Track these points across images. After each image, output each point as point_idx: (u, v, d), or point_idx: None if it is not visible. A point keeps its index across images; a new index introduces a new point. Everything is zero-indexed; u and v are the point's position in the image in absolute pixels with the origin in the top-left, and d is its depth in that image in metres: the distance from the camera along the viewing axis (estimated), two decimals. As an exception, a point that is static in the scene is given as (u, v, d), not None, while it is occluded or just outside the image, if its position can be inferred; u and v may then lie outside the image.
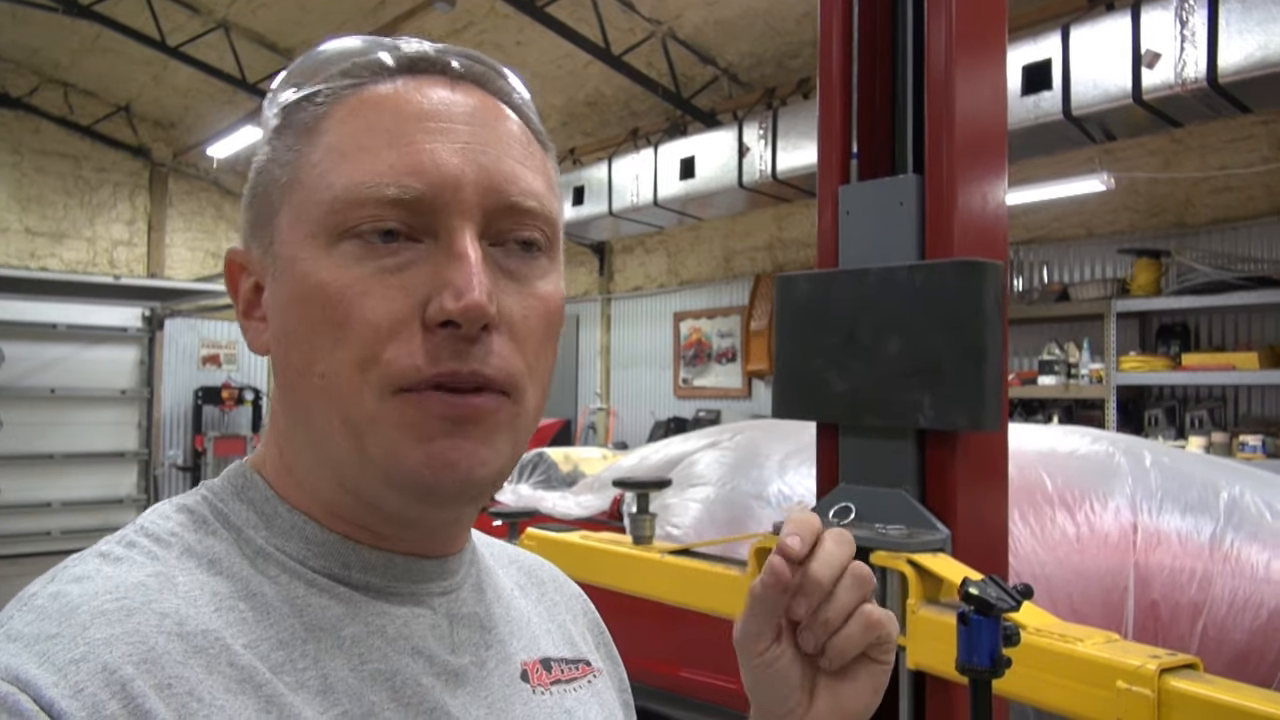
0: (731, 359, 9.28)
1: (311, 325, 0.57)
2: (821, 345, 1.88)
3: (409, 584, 0.62)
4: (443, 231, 0.57)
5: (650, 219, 8.14)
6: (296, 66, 0.64)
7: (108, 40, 9.14)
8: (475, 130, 0.59)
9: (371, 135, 0.58)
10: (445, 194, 0.57)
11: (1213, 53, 4.48)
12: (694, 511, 3.07)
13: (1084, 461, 2.60)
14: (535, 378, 0.60)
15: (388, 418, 0.56)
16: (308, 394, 0.58)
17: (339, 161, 0.58)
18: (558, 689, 0.68)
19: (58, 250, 10.85)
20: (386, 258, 0.57)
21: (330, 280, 0.56)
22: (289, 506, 0.61)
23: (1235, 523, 2.32)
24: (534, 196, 0.60)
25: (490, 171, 0.58)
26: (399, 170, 0.57)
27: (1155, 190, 6.42)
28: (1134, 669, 1.29)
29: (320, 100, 0.61)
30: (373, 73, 0.61)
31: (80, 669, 0.48)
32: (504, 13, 7.43)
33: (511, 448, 0.59)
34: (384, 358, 0.56)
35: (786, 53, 7.56)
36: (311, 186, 0.58)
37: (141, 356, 10.16)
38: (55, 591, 0.52)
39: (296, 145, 0.60)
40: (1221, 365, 5.61)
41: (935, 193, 1.80)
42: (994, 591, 1.06)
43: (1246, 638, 2.17)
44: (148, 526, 0.59)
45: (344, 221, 0.57)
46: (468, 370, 0.56)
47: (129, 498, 10.08)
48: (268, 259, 0.61)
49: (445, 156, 0.57)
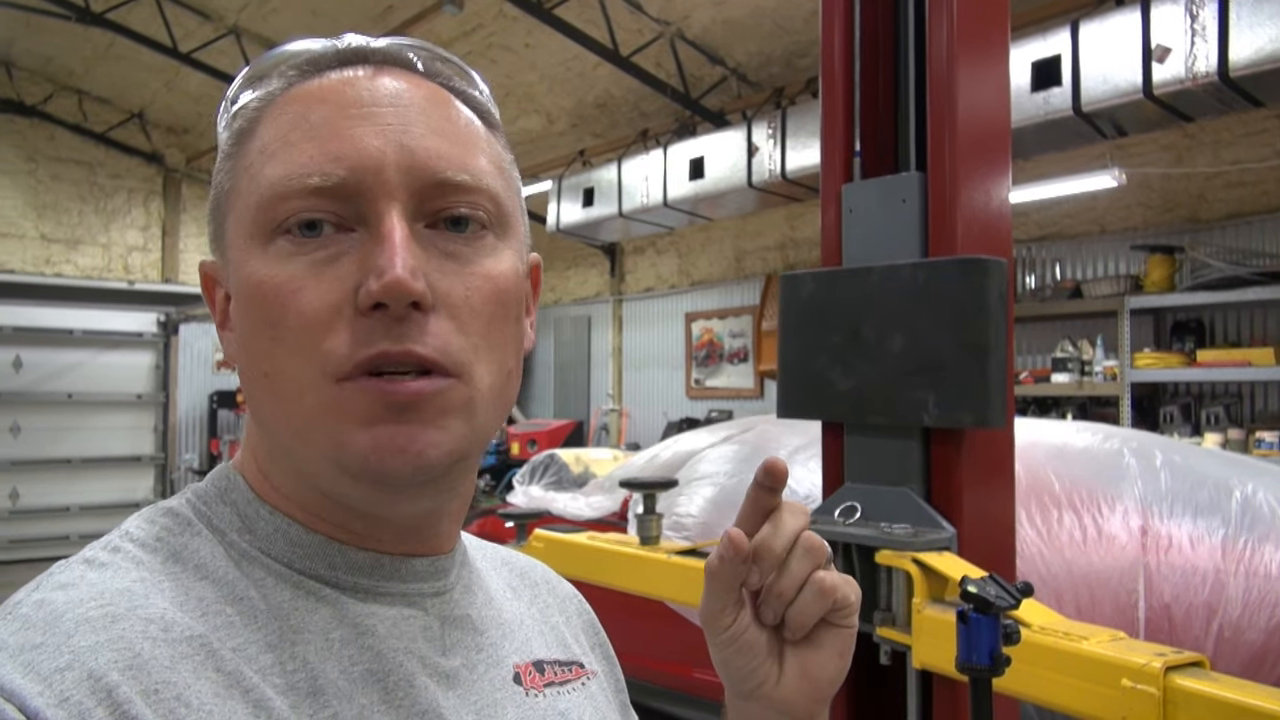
0: (744, 359, 9.26)
1: (254, 326, 0.57)
2: (826, 344, 1.87)
3: (398, 584, 0.61)
4: (371, 216, 0.56)
5: (660, 220, 8.14)
6: (244, 74, 0.64)
7: (121, 48, 9.21)
8: (399, 111, 0.58)
9: (295, 130, 0.58)
10: (367, 178, 0.56)
11: (1224, 47, 4.44)
12: (699, 502, 3.07)
13: (1093, 462, 2.58)
14: (486, 356, 0.58)
15: (330, 409, 0.55)
16: (260, 395, 0.58)
17: (266, 160, 0.58)
18: (550, 691, 0.68)
19: (73, 256, 10.94)
20: (317, 251, 0.56)
21: (266, 278, 0.56)
22: (270, 509, 0.61)
23: (1248, 523, 2.30)
24: (466, 170, 0.59)
25: (413, 150, 0.57)
26: (319, 159, 0.56)
27: (1168, 186, 6.37)
28: (1139, 667, 1.28)
29: (255, 105, 0.61)
30: (302, 72, 0.61)
31: (65, 677, 0.47)
32: (512, 15, 7.44)
33: (467, 428, 0.58)
34: (322, 348, 0.55)
35: (795, 52, 7.54)
36: (245, 190, 0.59)
37: (157, 361, 10.23)
38: (40, 600, 0.52)
39: (234, 151, 0.61)
40: (1237, 361, 5.57)
41: (938, 190, 1.79)
42: (993, 589, 1.06)
43: (1263, 638, 2.14)
44: (132, 532, 0.59)
45: (274, 218, 0.57)
46: (400, 350, 0.55)
47: (145, 502, 10.12)
48: (226, 266, 0.61)
49: (366, 140, 0.57)
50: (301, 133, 0.57)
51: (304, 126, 0.58)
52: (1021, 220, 6.79)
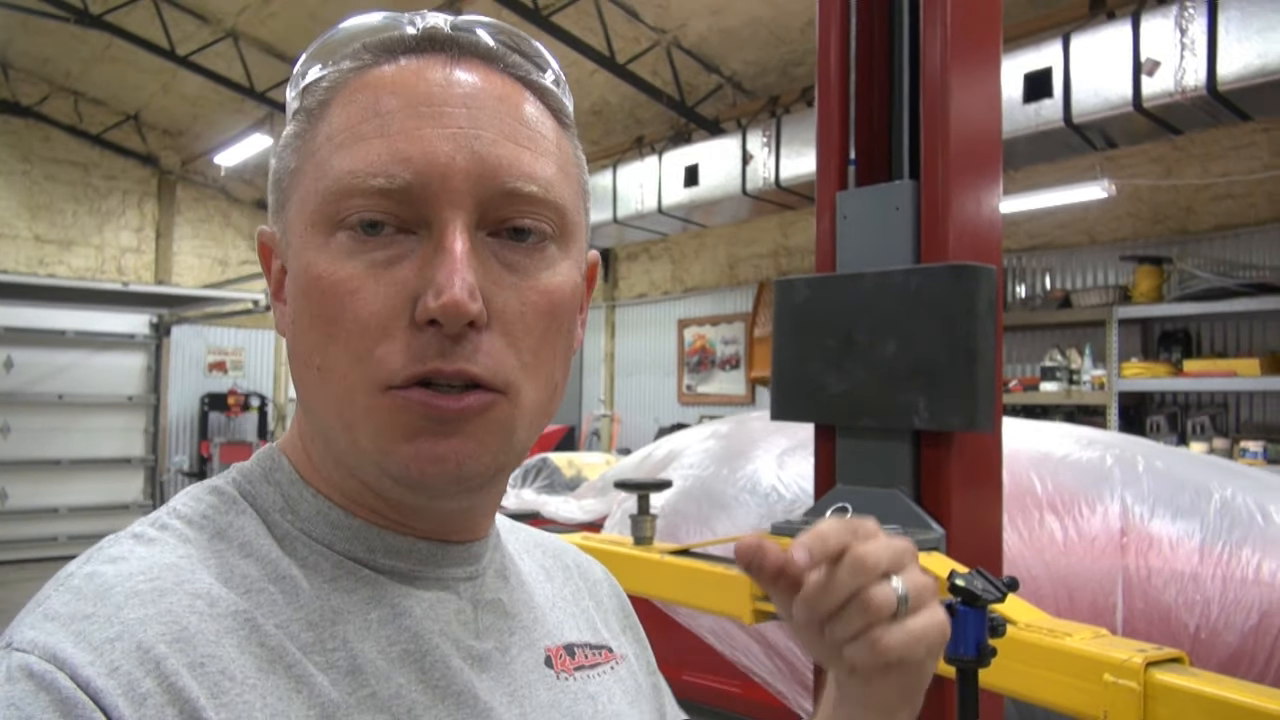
0: (735, 366, 9.30)
1: (311, 317, 0.57)
2: (819, 348, 1.91)
3: (434, 568, 0.63)
4: (435, 222, 0.55)
5: (655, 226, 8.17)
6: (315, 47, 0.63)
7: (118, 50, 9.21)
8: (473, 113, 0.57)
9: (366, 122, 0.56)
10: (434, 183, 0.55)
11: (1212, 61, 4.51)
12: (670, 493, 3.11)
13: (1076, 466, 2.62)
14: (534, 373, 0.58)
15: (376, 415, 0.56)
16: (310, 384, 0.59)
17: (335, 150, 0.57)
18: (581, 674, 0.69)
19: (66, 257, 10.92)
20: (376, 251, 0.55)
21: (326, 273, 0.56)
22: (314, 491, 0.62)
23: (1227, 526, 2.34)
24: (536, 181, 0.57)
25: (484, 157, 0.56)
26: (386, 159, 0.55)
27: (1157, 197, 6.44)
28: (1120, 662, 1.32)
29: (326, 84, 0.60)
30: (376, 54, 0.59)
31: (115, 648, 0.48)
32: (509, 21, 7.48)
33: (508, 442, 0.58)
34: (375, 355, 0.55)
35: (790, 61, 7.60)
36: (312, 175, 0.58)
37: (149, 363, 10.21)
38: (91, 572, 0.53)
39: (304, 130, 0.60)
40: (1223, 371, 5.63)
41: (930, 198, 1.83)
42: (980, 583, 1.09)
43: (1238, 640, 2.18)
44: (179, 509, 0.60)
45: (337, 212, 0.56)
46: (453, 369, 0.55)
47: (135, 503, 10.13)
48: (284, 244, 0.62)
49: (435, 144, 0.55)
50: (371, 126, 0.56)
51: (374, 119, 0.56)
52: (1012, 230, 6.85)
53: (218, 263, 11.80)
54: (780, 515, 2.71)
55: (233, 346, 11.16)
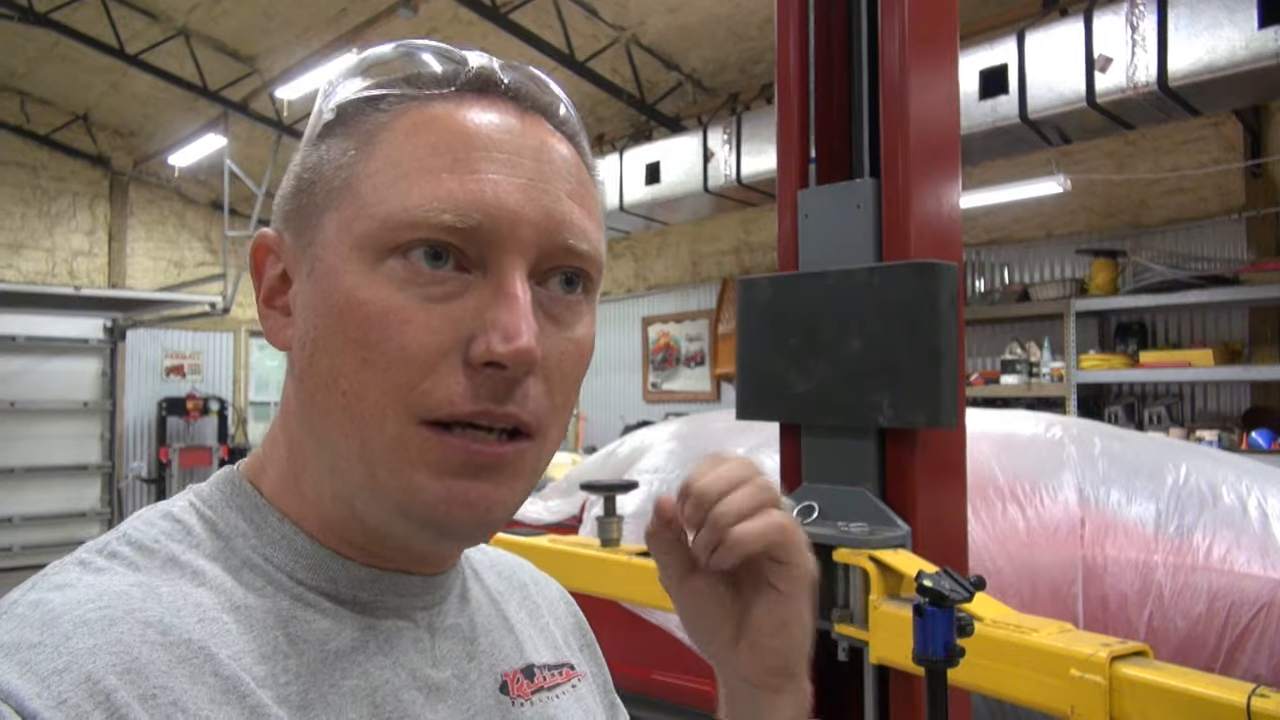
0: (700, 363, 9.32)
1: (344, 340, 0.56)
2: (783, 347, 1.91)
3: (394, 598, 0.61)
4: (494, 266, 0.56)
5: (617, 224, 8.16)
6: (358, 63, 0.62)
7: (65, 48, 9.01)
8: (540, 167, 0.58)
9: (434, 156, 0.56)
10: (503, 228, 0.55)
11: (1163, 57, 4.59)
12: (637, 499, 3.10)
13: (1035, 453, 2.66)
14: (561, 417, 0.60)
15: (408, 448, 0.55)
16: (328, 408, 0.57)
17: (398, 179, 0.56)
18: (539, 697, 0.68)
19: (15, 261, 10.67)
20: (433, 285, 0.55)
21: (372, 300, 0.55)
22: (280, 516, 0.60)
23: (1179, 510, 2.38)
24: (589, 240, 0.60)
25: (550, 212, 0.57)
26: (459, 198, 0.55)
27: (1111, 191, 6.55)
28: (1086, 657, 1.33)
29: (384, 107, 0.59)
30: (438, 85, 0.59)
31: (63, 679, 0.47)
32: (467, 19, 7.43)
33: (529, 485, 0.59)
34: (420, 388, 0.54)
35: (749, 58, 7.62)
36: (366, 198, 0.57)
37: (103, 368, 10.02)
38: (36, 600, 0.51)
39: (353, 149, 0.58)
40: (1178, 362, 5.73)
41: (891, 196, 1.84)
42: (947, 583, 1.09)
43: (1189, 625, 2.22)
44: (130, 534, 0.58)
45: (395, 239, 0.55)
46: (503, 412, 0.55)
47: (92, 511, 9.94)
48: (304, 255, 0.59)
49: (508, 191, 0.56)
50: (439, 161, 0.56)
51: (442, 155, 0.56)
52: (971, 225, 6.93)
53: (173, 265, 11.60)
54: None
55: (190, 350, 10.97)
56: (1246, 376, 5.67)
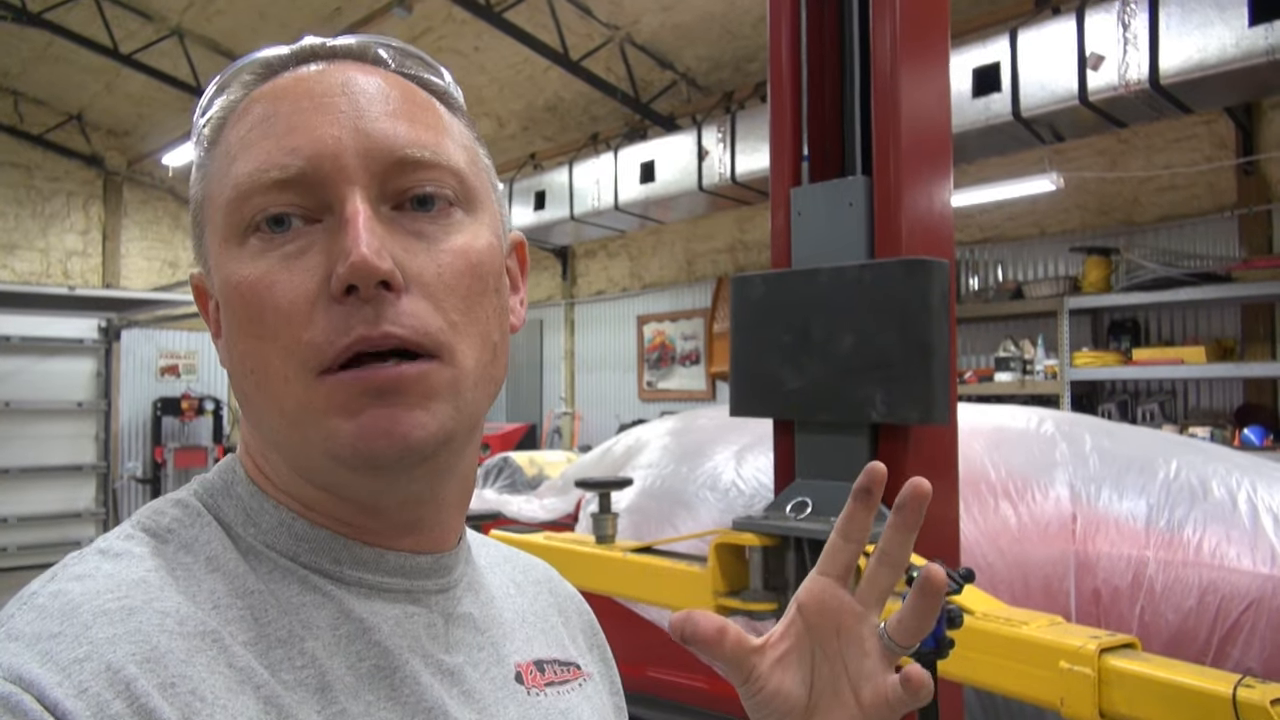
0: (695, 361, 9.33)
1: (239, 325, 0.58)
2: (776, 344, 1.92)
3: (403, 581, 0.62)
4: (335, 204, 0.57)
5: (612, 223, 8.17)
6: (210, 87, 0.64)
7: (59, 49, 9.00)
8: (352, 99, 0.59)
9: (254, 130, 0.59)
10: (325, 164, 0.56)
11: (1154, 55, 4.61)
12: (631, 493, 3.11)
13: (1027, 450, 2.67)
14: (466, 334, 0.58)
15: (316, 401, 0.56)
16: (248, 392, 0.58)
17: (230, 163, 0.59)
18: (551, 690, 0.68)
19: (9, 261, 10.65)
20: (286, 244, 0.57)
21: (243, 278, 0.57)
22: (274, 503, 0.61)
23: (1170, 505, 2.40)
24: (425, 146, 0.59)
25: (369, 133, 0.58)
26: (276, 153, 0.57)
27: (1104, 189, 6.57)
28: (1075, 649, 1.35)
29: (218, 114, 0.62)
30: (260, 75, 0.62)
31: (84, 668, 0.47)
32: (461, 18, 7.43)
33: (452, 408, 0.58)
34: (304, 339, 0.55)
35: (743, 56, 7.63)
36: (215, 195, 0.60)
37: (98, 368, 9.98)
38: (56, 590, 0.52)
39: (204, 161, 0.62)
40: (1170, 360, 5.75)
41: (883, 193, 1.85)
42: (937, 575, 1.11)
43: (1180, 620, 2.23)
44: (144, 522, 0.59)
45: (242, 217, 0.57)
46: (379, 333, 0.55)
47: (87, 511, 9.91)
48: (210, 276, 0.62)
49: (321, 129, 0.57)
50: (260, 131, 0.58)
51: (262, 125, 0.58)
52: (964, 223, 6.94)
53: (168, 265, 11.58)
54: (741, 511, 2.72)
55: (185, 350, 10.95)
56: (1239, 373, 5.69)
